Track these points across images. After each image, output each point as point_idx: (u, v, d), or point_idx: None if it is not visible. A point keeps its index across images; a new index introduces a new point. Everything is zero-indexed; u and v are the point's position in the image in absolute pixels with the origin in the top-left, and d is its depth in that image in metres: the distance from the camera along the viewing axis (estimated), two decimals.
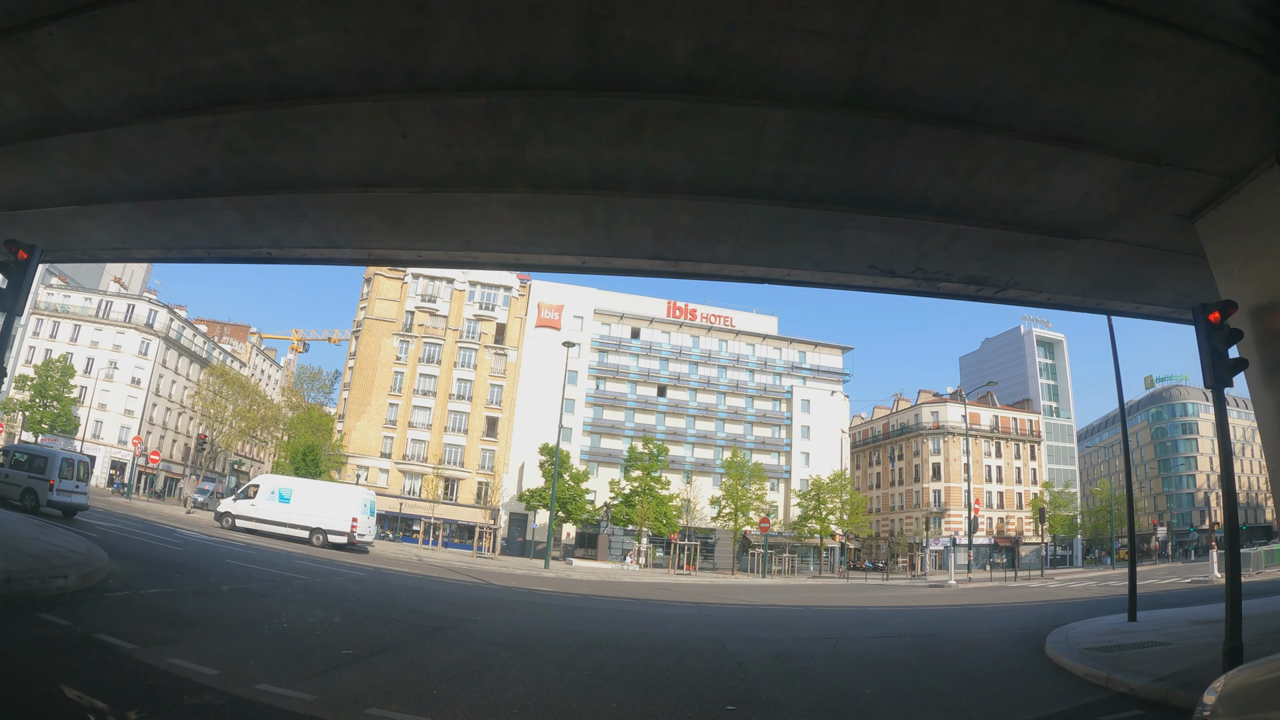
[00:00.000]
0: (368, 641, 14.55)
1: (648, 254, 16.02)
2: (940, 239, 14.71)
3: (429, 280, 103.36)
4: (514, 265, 18.96)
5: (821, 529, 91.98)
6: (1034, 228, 14.15)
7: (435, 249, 17.24)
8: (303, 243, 18.30)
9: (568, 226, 15.11)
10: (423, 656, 13.57)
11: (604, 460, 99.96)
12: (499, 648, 15.36)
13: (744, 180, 12.90)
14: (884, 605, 35.79)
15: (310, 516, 45.80)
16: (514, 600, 27.60)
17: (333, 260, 20.30)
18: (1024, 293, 17.54)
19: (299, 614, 17.09)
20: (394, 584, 28.65)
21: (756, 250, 15.61)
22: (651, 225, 14.76)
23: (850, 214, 13.75)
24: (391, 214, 15.63)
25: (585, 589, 36.13)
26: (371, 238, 17.10)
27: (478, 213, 14.98)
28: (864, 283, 17.89)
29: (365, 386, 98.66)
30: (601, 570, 59.94)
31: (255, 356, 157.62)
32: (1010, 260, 15.66)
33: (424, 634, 16.29)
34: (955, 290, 17.66)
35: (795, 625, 25.78)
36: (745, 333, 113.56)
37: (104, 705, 8.24)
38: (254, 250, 19.69)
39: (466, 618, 19.92)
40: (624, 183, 13.26)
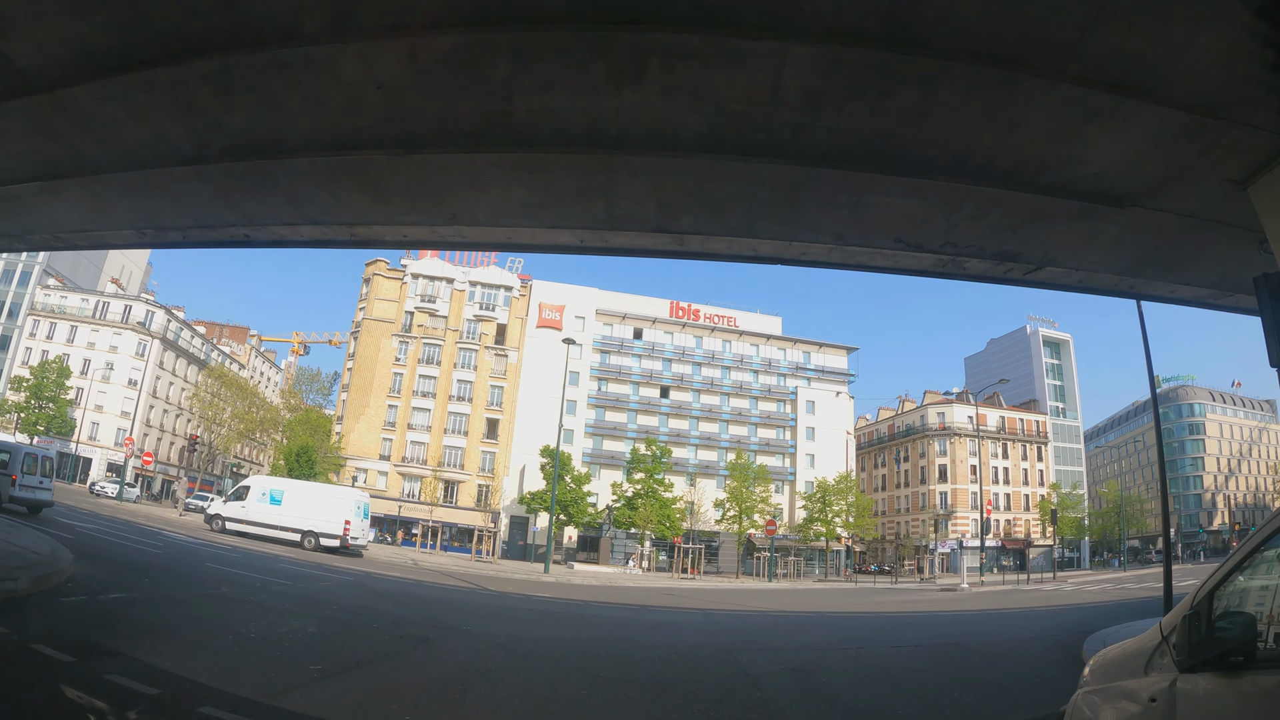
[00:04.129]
0: (342, 655, 13.14)
1: (651, 226, 14.53)
2: (974, 206, 13.22)
3: (428, 280, 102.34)
4: (506, 245, 17.40)
5: (827, 532, 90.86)
6: (1077, 193, 12.66)
7: (419, 223, 15.74)
8: (278, 218, 16.86)
9: (563, 194, 13.63)
10: (401, 672, 12.12)
11: (606, 462, 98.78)
12: (488, 661, 13.97)
13: (759, 135, 11.44)
14: (898, 611, 34.37)
15: (302, 519, 44.44)
16: (509, 607, 26.16)
17: (314, 242, 18.85)
18: (1058, 272, 16.00)
19: (271, 623, 15.71)
20: (382, 590, 27.16)
21: (771, 220, 14.11)
22: (655, 191, 13.27)
23: (877, 175, 12.30)
24: (369, 182, 14.18)
25: (585, 594, 34.70)
26: (351, 210, 15.65)
27: (464, 178, 13.53)
28: (884, 262, 16.39)
29: (364, 388, 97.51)
30: (603, 574, 58.54)
31: (254, 359, 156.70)
32: (1048, 233, 14.16)
33: (406, 646, 14.86)
34: (983, 270, 16.19)
35: (808, 633, 24.41)
36: (749, 333, 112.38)
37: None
38: (229, 231, 18.28)
39: (456, 627, 18.43)
40: (625, 138, 11.80)
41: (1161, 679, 5.35)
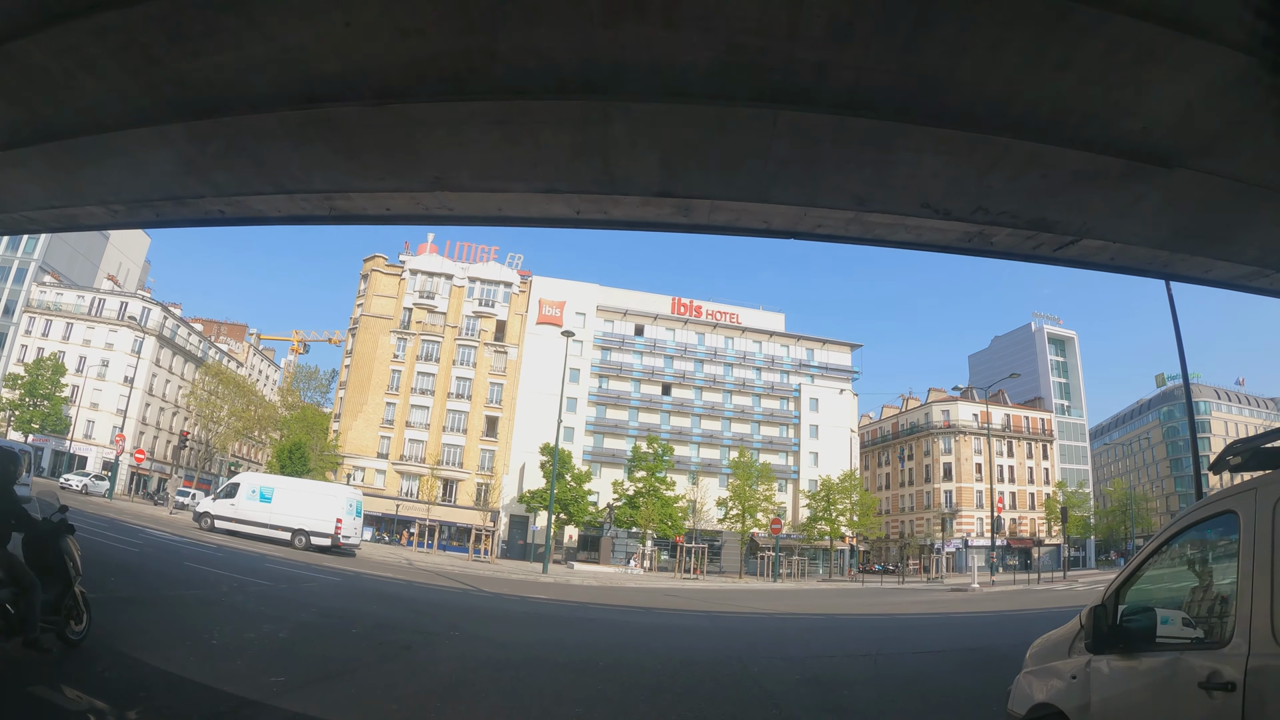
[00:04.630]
0: (311, 665, 11.84)
1: (653, 189, 13.14)
2: (1011, 165, 11.86)
3: (427, 276, 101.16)
4: (496, 219, 16.00)
5: (832, 531, 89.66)
6: (1123, 151, 11.32)
7: (400, 189, 14.35)
8: (249, 188, 15.51)
9: (556, 152, 12.25)
10: (371, 686, 10.77)
11: (607, 461, 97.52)
12: (473, 672, 12.66)
13: (775, 76, 10.07)
14: (911, 613, 32.99)
15: (292, 517, 43.17)
16: (503, 610, 24.80)
17: (293, 218, 17.50)
18: (1092, 246, 14.59)
19: (240, 627, 14.45)
20: (370, 591, 25.86)
21: (787, 181, 12.71)
22: (657, 146, 11.89)
23: (907, 126, 10.94)
24: (342, 140, 12.82)
25: (584, 596, 33.36)
26: (326, 177, 14.33)
27: (446, 136, 12.16)
28: (906, 236, 15.02)
29: (361, 385, 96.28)
30: (603, 574, 57.12)
31: (253, 356, 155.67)
32: (1088, 198, 12.78)
33: (385, 654, 13.50)
34: (1010, 245, 14.82)
35: (821, 638, 23.06)
36: (752, 329, 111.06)
37: None
38: (203, 206, 16.97)
39: (443, 632, 17.13)
40: (623, 81, 10.42)
41: (1080, 660, 6.58)
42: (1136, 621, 6.12)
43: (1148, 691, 5.89)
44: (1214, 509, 6.01)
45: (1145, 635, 5.95)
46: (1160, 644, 5.87)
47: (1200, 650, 5.60)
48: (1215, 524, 6.07)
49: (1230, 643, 5.17)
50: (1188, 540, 6.49)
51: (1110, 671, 6.22)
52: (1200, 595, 6.33)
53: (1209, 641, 5.67)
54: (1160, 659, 5.79)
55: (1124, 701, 6.13)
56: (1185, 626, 6.05)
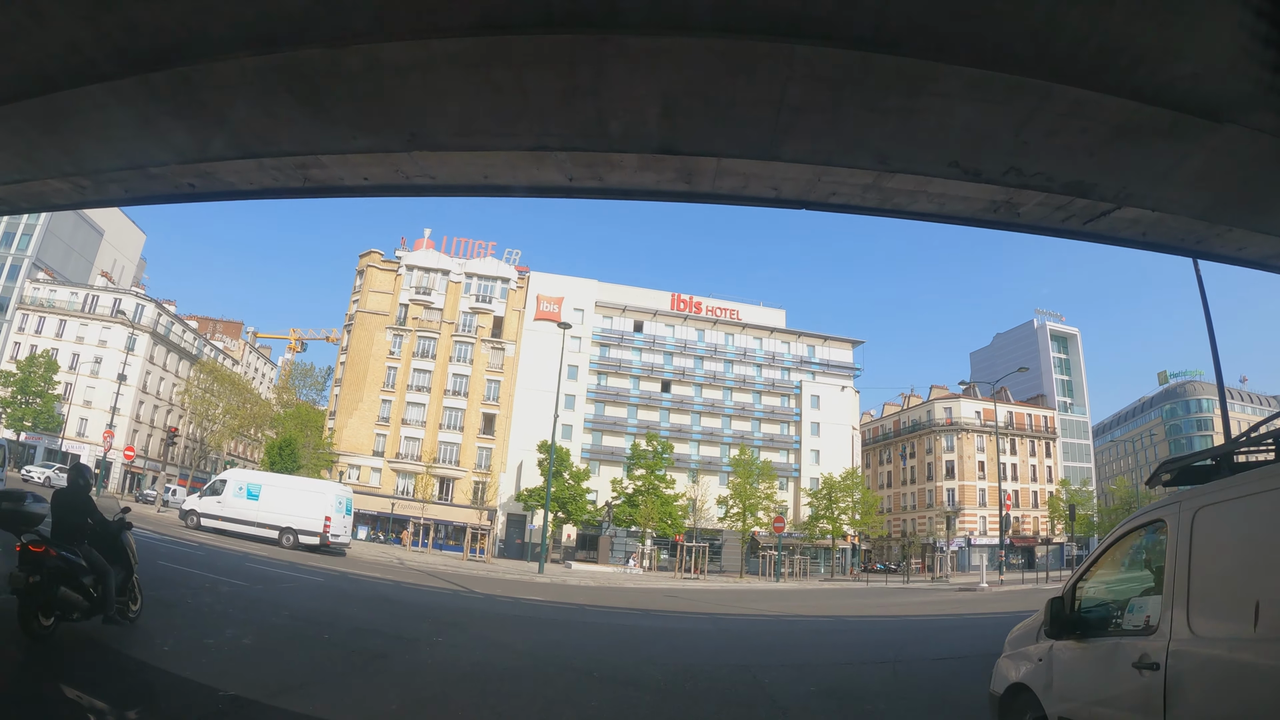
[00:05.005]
0: (268, 675, 10.60)
1: (654, 144, 11.80)
2: (1051, 116, 10.55)
3: (423, 272, 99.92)
4: (482, 187, 14.65)
5: (834, 529, 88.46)
6: (1171, 101, 10.07)
7: (374, 148, 13.02)
8: (214, 152, 14.23)
9: (543, 98, 10.89)
10: (334, 703, 9.48)
11: (606, 459, 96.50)
12: (451, 686, 11.37)
13: (792, 3, 8.77)
14: (923, 615, 31.67)
15: (279, 515, 41.87)
16: (494, 613, 23.41)
17: (266, 191, 16.22)
18: (1123, 219, 13.30)
19: (200, 632, 13.28)
20: (353, 593, 24.53)
21: (802, 134, 11.35)
22: (658, 90, 10.52)
23: (939, 65, 9.64)
24: (309, 92, 11.50)
25: (581, 597, 31.97)
26: (294, 137, 13.05)
27: (420, 82, 10.82)
28: (928, 205, 13.71)
29: (357, 382, 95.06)
30: (602, 574, 55.62)
31: (248, 354, 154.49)
32: (1130, 157, 11.47)
33: (356, 664, 12.22)
34: (1039, 217, 13.53)
35: (832, 643, 21.82)
36: (752, 326, 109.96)
37: None
38: (170, 178, 15.80)
39: (425, 638, 15.74)
40: (618, 10, 9.13)
41: (1045, 645, 7.71)
42: (1088, 612, 7.46)
43: (1094, 670, 7.05)
44: (1149, 517, 7.08)
45: (1093, 624, 7.30)
46: (1105, 631, 7.14)
47: (1135, 636, 6.59)
48: (1150, 530, 7.12)
49: (1157, 631, 6.19)
50: (1129, 543, 7.57)
51: (1066, 654, 7.42)
52: (1137, 590, 7.30)
53: (1142, 630, 6.58)
54: (1105, 643, 6.99)
55: (1077, 679, 7.27)
56: (1125, 617, 7.20)
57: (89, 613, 11.27)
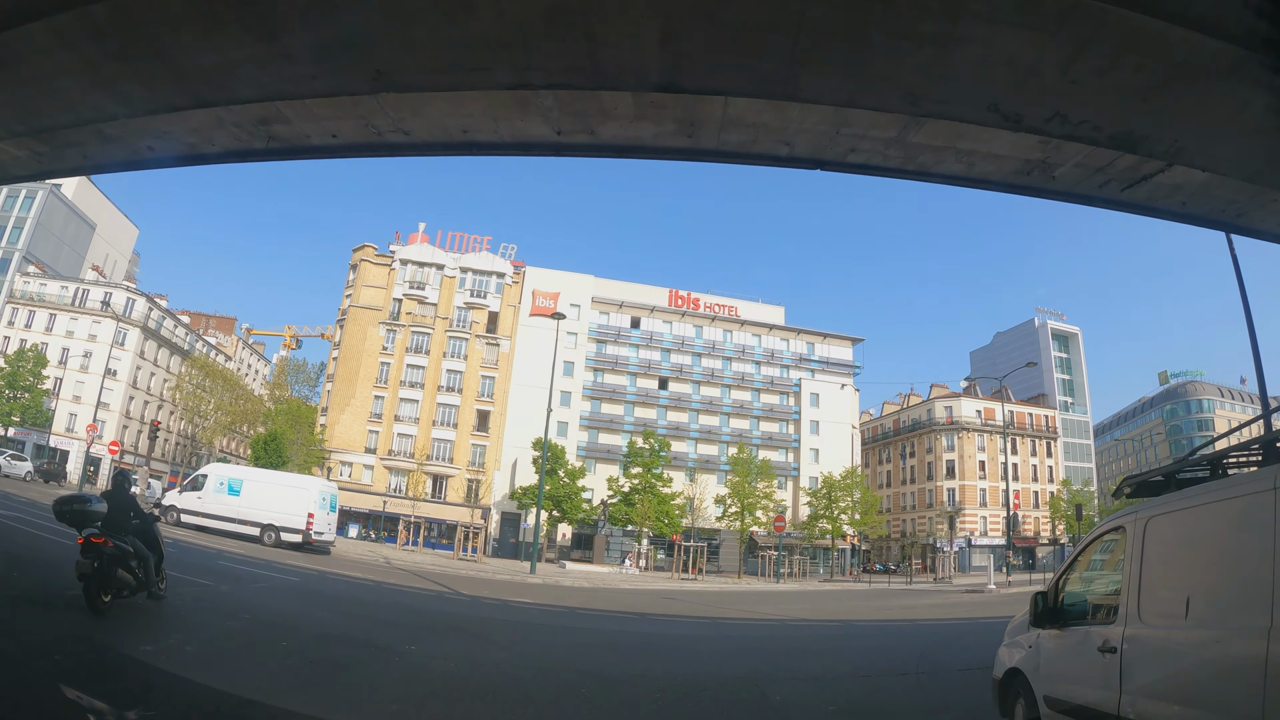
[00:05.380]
0: (203, 695, 8.96)
1: (652, 78, 10.21)
2: (1104, 50, 9.07)
3: (417, 266, 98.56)
4: (461, 145, 13.07)
5: (833, 529, 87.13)
6: (1237, 34, 8.62)
7: (337, 90, 11.47)
8: (166, 102, 12.77)
9: (524, 26, 9.33)
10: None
11: (602, 457, 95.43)
12: (419, 705, 9.85)
13: None
14: (935, 618, 30.04)
15: (261, 511, 40.32)
16: (478, 617, 21.86)
17: (229, 153, 14.75)
18: (1168, 181, 11.74)
19: (139, 639, 11.81)
20: (328, 594, 22.91)
21: (822, 65, 9.77)
22: (658, 9, 9.00)
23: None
24: (257, 18, 9.97)
25: (574, 599, 30.36)
26: (250, 80, 11.55)
27: (381, 1, 9.32)
28: (955, 168, 12.19)
29: (349, 378, 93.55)
30: (597, 574, 53.83)
31: (241, 350, 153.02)
32: (1188, 101, 9.96)
33: (310, 678, 10.74)
34: (1076, 180, 11.95)
35: (846, 651, 20.17)
36: (751, 323, 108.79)
37: None
38: (127, 139, 14.48)
39: (396, 646, 14.08)
40: None
41: (1034, 634, 8.96)
42: (1068, 606, 8.53)
43: (1070, 654, 8.03)
44: (1114, 524, 8.04)
45: (1070, 615, 8.37)
46: (1079, 621, 8.15)
47: (1100, 625, 7.60)
48: (1113, 535, 8.08)
49: (1116, 620, 7.30)
50: (1099, 546, 8.64)
51: (1049, 642, 8.48)
52: (1105, 586, 8.20)
53: (1106, 620, 7.56)
54: (1079, 631, 7.98)
55: (1057, 662, 8.26)
56: (1094, 608, 8.16)
57: (135, 590, 14.17)
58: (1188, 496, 6.93)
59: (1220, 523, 6.43)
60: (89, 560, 12.88)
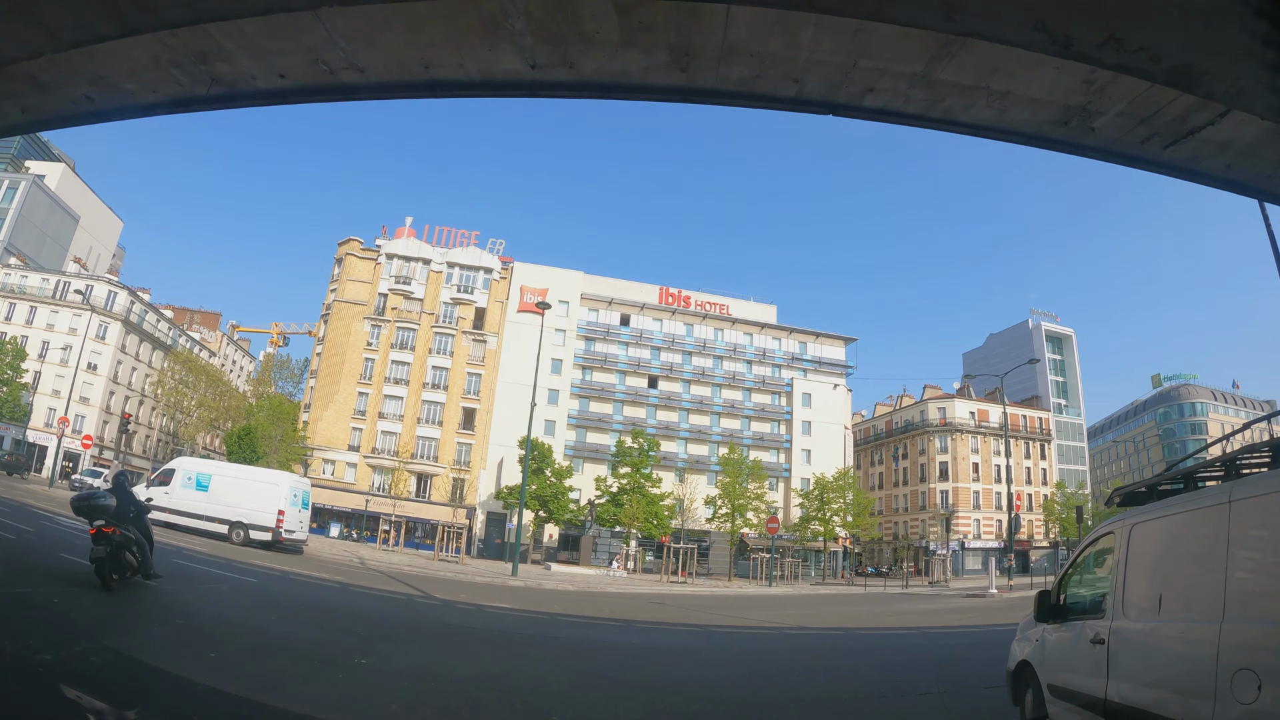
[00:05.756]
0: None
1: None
2: None
3: (403, 261, 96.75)
4: (423, 85, 11.21)
5: (825, 531, 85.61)
6: None
7: (275, 9, 9.85)
8: (91, 31, 11.09)
9: None
10: None
11: (590, 456, 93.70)
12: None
13: None
14: (942, 626, 28.30)
15: (230, 508, 38.46)
16: (446, 624, 20.06)
17: (171, 102, 13.06)
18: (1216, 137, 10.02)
19: (38, 644, 10.07)
20: (282, 598, 20.99)
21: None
22: None
23: None
24: None
25: (555, 604, 28.55)
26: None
27: None
28: (985, 115, 10.42)
29: (333, 374, 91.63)
30: (582, 577, 51.83)
31: (226, 346, 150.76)
32: (1256, 29, 8.33)
33: (228, 701, 8.90)
34: (1117, 133, 10.22)
35: (854, 664, 18.39)
36: (743, 321, 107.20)
37: None
38: (60, 87, 12.80)
39: (343, 659, 12.24)
40: None
41: (1040, 628, 10.00)
42: (1069, 603, 9.69)
43: (1068, 646, 9.08)
44: (1105, 530, 9.23)
45: (1069, 611, 9.52)
46: (1076, 617, 9.26)
47: (1092, 620, 8.58)
48: (1105, 541, 9.14)
49: (1105, 615, 8.26)
50: (1094, 550, 9.66)
51: (1051, 635, 9.70)
52: (1098, 585, 9.20)
53: (1097, 615, 8.58)
54: (1075, 626, 9.03)
55: (1057, 653, 9.46)
56: (1088, 605, 9.17)
57: (135, 572, 16.64)
58: (1164, 506, 7.77)
59: (1187, 530, 7.23)
60: (102, 547, 15.49)
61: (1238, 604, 6.11)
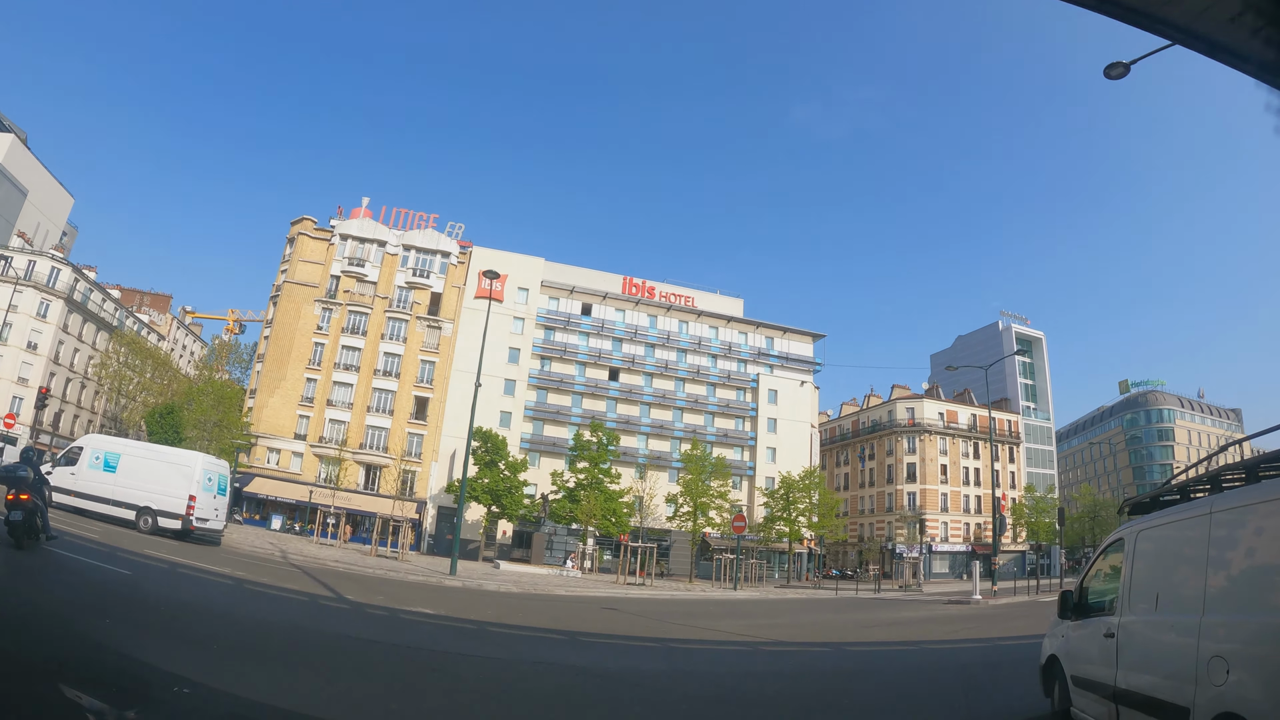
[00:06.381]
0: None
1: None
2: None
3: (358, 242, 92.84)
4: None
5: (791, 532, 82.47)
6: None
7: None
8: None
9: None
10: None
11: (547, 450, 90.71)
12: None
13: None
14: (945, 640, 24.43)
15: (138, 491, 34.06)
16: (338, 635, 16.01)
17: None
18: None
19: None
20: (141, 597, 16.61)
21: None
22: None
23: None
24: None
25: (491, 610, 24.68)
26: None
27: None
28: None
29: (281, 359, 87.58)
30: (530, 578, 47.02)
31: (176, 330, 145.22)
32: None
33: None
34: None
35: (855, 693, 14.67)
36: (708, 314, 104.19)
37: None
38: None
39: (159, 684, 8.17)
40: None
41: (1065, 625, 11.27)
42: (1087, 601, 10.88)
43: (1085, 640, 10.19)
44: (1117, 536, 10.41)
45: (1088, 609, 10.71)
46: (1093, 614, 10.40)
47: (1105, 616, 9.74)
48: (1117, 545, 10.28)
49: (1115, 612, 9.44)
50: (1109, 553, 10.70)
51: (1074, 631, 10.86)
52: (1109, 585, 10.28)
53: (1109, 612, 9.73)
54: (1093, 622, 10.13)
55: (1077, 647, 10.56)
56: (1103, 603, 10.21)
57: (36, 535, 18.49)
58: (1162, 516, 9.18)
59: (1177, 537, 8.51)
60: (19, 513, 17.49)
61: (1214, 600, 7.09)
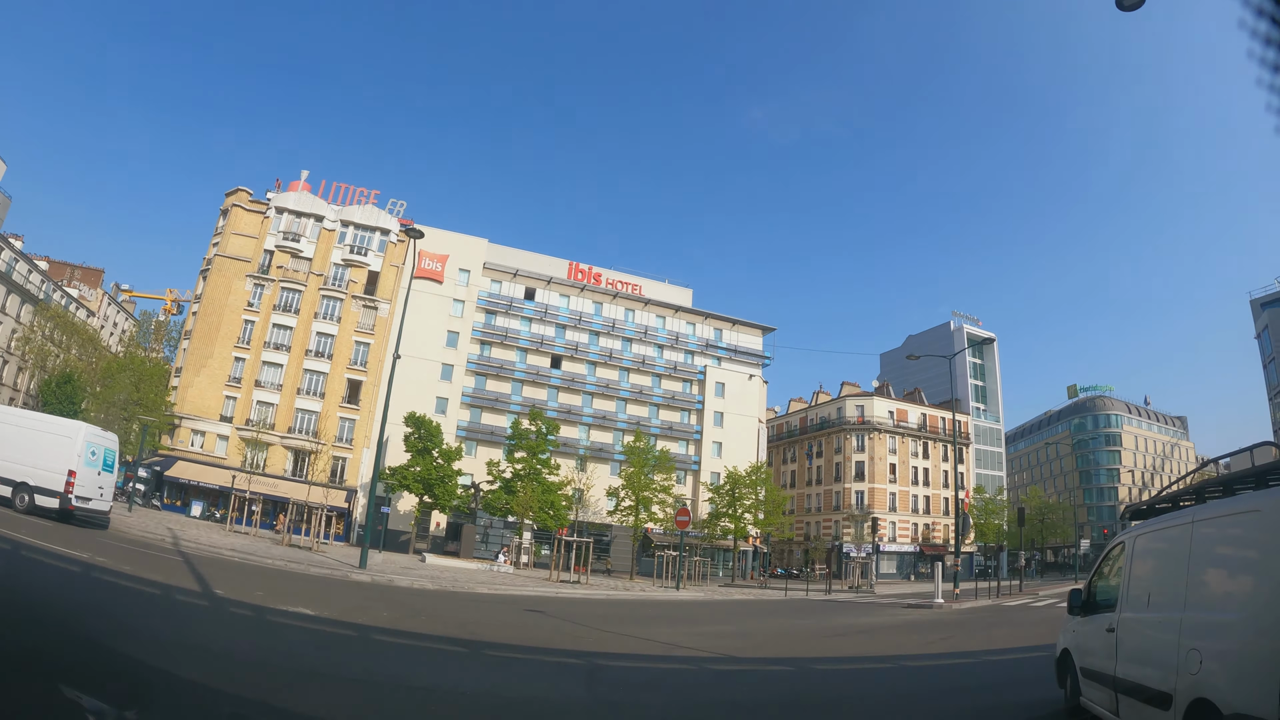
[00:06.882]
0: None
1: None
2: None
3: (294, 216, 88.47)
4: None
5: (736, 529, 79.61)
6: None
7: None
8: None
9: None
10: None
11: (484, 439, 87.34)
12: None
13: None
14: (924, 655, 20.71)
15: (13, 465, 30.01)
16: (177, 644, 11.98)
17: None
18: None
19: None
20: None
21: None
22: None
23: None
24: None
25: (390, 611, 21.24)
26: None
27: None
28: None
29: (209, 336, 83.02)
30: (452, 573, 42.90)
31: (107, 307, 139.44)
32: None
33: None
34: None
35: None
36: (656, 303, 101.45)
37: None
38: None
39: None
40: None
41: (1075, 620, 12.36)
42: (1094, 598, 11.92)
43: (1091, 634, 11.34)
44: (1118, 540, 11.58)
45: (1095, 606, 11.76)
46: (1099, 610, 11.40)
47: (1107, 613, 10.79)
48: (1118, 548, 11.44)
49: (1115, 610, 10.54)
50: (1112, 555, 11.76)
51: (1082, 626, 11.97)
52: (1111, 585, 11.35)
53: (1110, 609, 10.80)
54: (1097, 618, 11.22)
55: (1084, 640, 11.65)
56: (1106, 600, 11.28)
57: None
58: (1155, 523, 10.31)
59: (1166, 542, 9.64)
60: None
61: (1192, 599, 8.36)
